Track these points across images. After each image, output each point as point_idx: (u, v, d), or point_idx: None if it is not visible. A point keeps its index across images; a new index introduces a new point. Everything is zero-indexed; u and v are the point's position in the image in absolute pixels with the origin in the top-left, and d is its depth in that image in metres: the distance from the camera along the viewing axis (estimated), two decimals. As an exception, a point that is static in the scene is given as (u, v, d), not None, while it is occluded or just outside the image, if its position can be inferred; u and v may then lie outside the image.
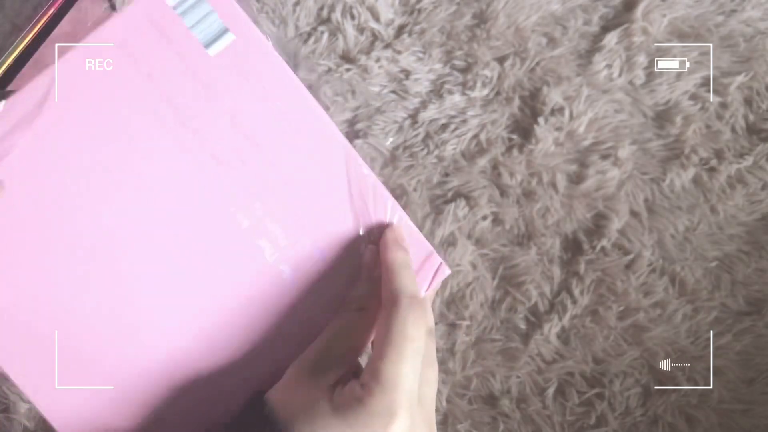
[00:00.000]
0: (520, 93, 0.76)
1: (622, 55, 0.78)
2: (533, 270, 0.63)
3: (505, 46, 0.79)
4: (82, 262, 0.34)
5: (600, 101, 0.74)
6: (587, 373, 0.59)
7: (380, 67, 0.77)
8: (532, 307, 0.62)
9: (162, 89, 0.35)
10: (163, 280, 0.35)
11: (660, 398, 0.57)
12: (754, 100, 0.75)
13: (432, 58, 0.78)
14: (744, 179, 0.70)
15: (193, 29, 0.36)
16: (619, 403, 0.57)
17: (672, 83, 0.76)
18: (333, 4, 0.82)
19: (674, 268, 0.64)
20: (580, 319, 0.61)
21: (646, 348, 0.60)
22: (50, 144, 0.34)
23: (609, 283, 0.63)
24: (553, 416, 0.57)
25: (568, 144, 0.71)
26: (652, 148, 0.72)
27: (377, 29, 0.80)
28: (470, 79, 0.76)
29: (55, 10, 0.71)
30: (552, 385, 0.58)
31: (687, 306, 0.62)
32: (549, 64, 0.77)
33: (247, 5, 0.56)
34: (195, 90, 0.35)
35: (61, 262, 0.34)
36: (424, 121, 0.73)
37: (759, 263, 0.65)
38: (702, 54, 0.78)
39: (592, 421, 0.57)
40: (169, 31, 0.35)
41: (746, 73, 0.76)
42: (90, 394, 0.35)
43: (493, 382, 0.58)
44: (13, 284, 0.34)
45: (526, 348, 0.59)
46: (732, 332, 0.61)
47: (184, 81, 0.36)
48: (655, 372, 0.59)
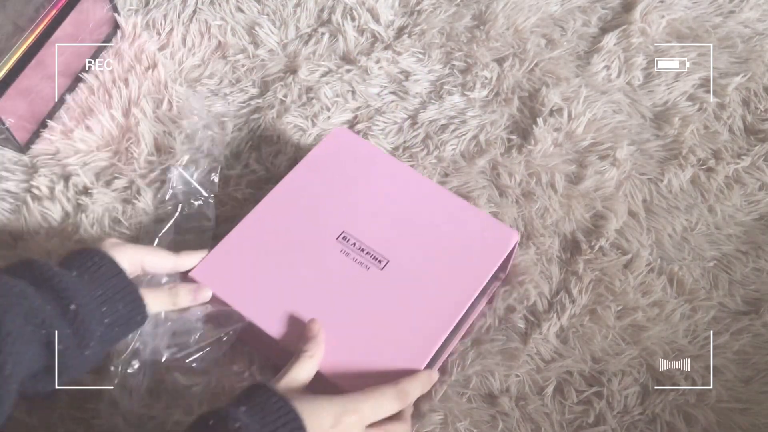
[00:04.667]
0: (519, 94, 0.76)
1: (620, 56, 0.79)
2: (532, 269, 0.63)
3: (504, 47, 0.80)
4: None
5: (598, 102, 0.74)
6: (586, 372, 0.59)
7: (380, 68, 0.77)
8: (531, 306, 0.62)
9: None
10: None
11: (658, 397, 0.58)
12: (752, 101, 0.76)
13: (432, 59, 0.78)
14: (742, 179, 0.70)
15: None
16: (618, 401, 0.58)
17: (670, 84, 0.76)
18: (333, 5, 0.83)
19: (672, 267, 0.64)
20: (579, 319, 0.61)
21: (644, 347, 0.60)
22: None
23: (607, 282, 0.63)
24: (552, 415, 0.57)
25: (567, 144, 0.72)
26: (651, 149, 0.72)
27: (377, 31, 0.80)
28: (470, 80, 0.76)
29: (57, 11, 0.71)
30: (551, 383, 0.58)
31: (685, 305, 0.63)
32: (548, 65, 0.78)
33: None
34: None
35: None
36: (424, 121, 0.73)
37: (757, 263, 0.65)
38: (700, 55, 0.79)
39: (590, 419, 0.57)
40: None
41: (744, 74, 0.77)
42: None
43: (492, 381, 0.58)
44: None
45: (525, 347, 0.60)
46: (730, 331, 0.61)
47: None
48: (653, 371, 0.59)
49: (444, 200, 0.61)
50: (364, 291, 0.56)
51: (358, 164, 0.63)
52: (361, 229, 0.59)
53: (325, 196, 0.61)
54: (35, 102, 0.71)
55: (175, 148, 0.70)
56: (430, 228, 0.59)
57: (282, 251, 0.58)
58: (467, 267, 0.57)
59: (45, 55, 0.69)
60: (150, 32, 0.79)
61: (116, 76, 0.75)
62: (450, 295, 0.56)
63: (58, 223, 0.66)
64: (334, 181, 0.62)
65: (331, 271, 0.57)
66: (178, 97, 0.74)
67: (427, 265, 0.58)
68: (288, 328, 0.54)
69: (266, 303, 0.55)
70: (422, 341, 0.54)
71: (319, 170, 0.62)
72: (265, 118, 0.73)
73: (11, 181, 0.69)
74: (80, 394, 0.57)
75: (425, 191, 0.62)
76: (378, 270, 0.57)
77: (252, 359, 0.59)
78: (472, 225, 0.60)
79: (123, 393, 0.56)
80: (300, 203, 0.60)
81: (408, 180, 0.63)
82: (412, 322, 0.55)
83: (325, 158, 0.63)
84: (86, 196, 0.67)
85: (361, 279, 0.57)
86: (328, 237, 0.59)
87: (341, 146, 0.64)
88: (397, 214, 0.60)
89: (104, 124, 0.72)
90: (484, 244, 0.59)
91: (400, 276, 0.57)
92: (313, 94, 0.75)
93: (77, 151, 0.70)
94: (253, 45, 0.79)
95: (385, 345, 0.54)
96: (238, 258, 0.57)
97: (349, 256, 0.58)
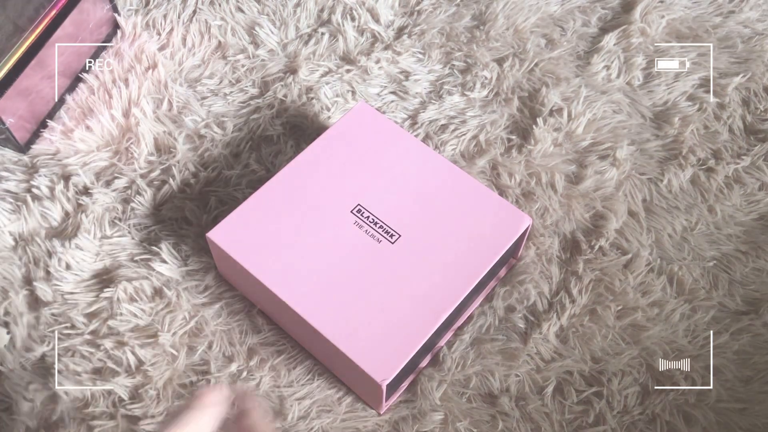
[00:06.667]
0: (519, 94, 0.76)
1: (620, 56, 0.79)
2: (532, 269, 0.64)
3: (504, 47, 0.80)
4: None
5: (598, 102, 0.74)
6: (586, 372, 0.59)
7: (380, 68, 0.77)
8: (531, 306, 0.62)
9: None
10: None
11: (658, 397, 0.58)
12: (752, 101, 0.76)
13: (431, 60, 0.78)
14: (741, 179, 0.70)
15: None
16: (618, 401, 0.58)
17: (670, 84, 0.76)
18: (333, 5, 0.83)
19: (672, 267, 0.64)
20: (579, 319, 0.61)
21: (644, 347, 0.60)
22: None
23: (607, 282, 0.63)
24: (551, 414, 0.57)
25: (567, 144, 0.72)
26: (650, 149, 0.72)
27: (377, 31, 0.80)
28: (469, 80, 0.76)
29: (57, 11, 0.71)
30: (551, 383, 0.58)
31: (685, 305, 0.63)
32: (548, 65, 0.78)
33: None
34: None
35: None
36: (424, 121, 0.73)
37: (756, 263, 0.65)
38: (700, 55, 0.79)
39: (590, 419, 0.57)
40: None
41: (744, 74, 0.77)
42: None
43: (492, 381, 0.58)
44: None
45: (525, 347, 0.60)
46: (730, 331, 0.61)
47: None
48: (653, 371, 0.59)
49: (459, 180, 0.63)
50: (375, 263, 0.58)
51: (378, 139, 0.65)
52: (376, 203, 0.61)
53: (344, 169, 0.63)
54: (35, 102, 0.71)
55: (176, 148, 0.70)
56: (443, 206, 0.61)
57: (297, 219, 0.60)
58: (477, 247, 0.59)
59: (45, 55, 0.69)
60: (150, 32, 0.79)
61: (116, 76, 0.75)
62: (458, 273, 0.57)
63: (58, 223, 0.66)
64: (353, 154, 0.64)
65: (344, 242, 0.58)
66: (178, 97, 0.74)
67: (438, 242, 0.59)
68: (298, 292, 0.55)
69: (279, 267, 0.57)
70: (427, 315, 0.55)
71: (340, 143, 0.64)
72: (265, 118, 0.73)
73: (11, 181, 0.69)
74: (80, 394, 0.57)
75: (441, 170, 0.63)
76: (389, 244, 0.58)
77: (251, 355, 0.59)
78: (485, 207, 0.61)
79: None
80: (318, 174, 0.62)
81: (425, 158, 0.64)
82: (419, 295, 0.56)
83: (346, 132, 0.65)
84: (86, 196, 0.67)
85: (372, 251, 0.58)
86: (344, 208, 0.60)
87: (363, 121, 0.66)
88: (412, 191, 0.62)
89: (104, 124, 0.72)
90: (495, 226, 0.60)
91: (411, 251, 0.58)
92: (313, 94, 0.75)
93: (77, 151, 0.70)
94: (253, 45, 0.79)
95: (392, 316, 0.55)
96: (255, 222, 0.59)
97: (362, 228, 0.59)
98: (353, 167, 0.63)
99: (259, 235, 0.58)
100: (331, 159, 0.63)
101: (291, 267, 0.57)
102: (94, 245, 0.64)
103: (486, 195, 0.62)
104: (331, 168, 0.62)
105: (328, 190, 0.61)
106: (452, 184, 0.62)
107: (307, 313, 0.55)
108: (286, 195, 0.61)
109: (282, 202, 0.60)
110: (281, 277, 0.56)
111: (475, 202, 0.61)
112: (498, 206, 0.61)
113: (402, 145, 0.64)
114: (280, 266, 0.57)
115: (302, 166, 0.62)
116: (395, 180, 0.62)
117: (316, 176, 0.62)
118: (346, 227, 0.59)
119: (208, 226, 0.66)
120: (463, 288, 0.57)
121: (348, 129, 0.65)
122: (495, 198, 0.62)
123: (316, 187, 0.61)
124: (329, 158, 0.63)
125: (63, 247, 0.64)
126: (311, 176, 0.62)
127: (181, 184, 0.68)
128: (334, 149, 0.64)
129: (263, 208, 0.60)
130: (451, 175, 0.63)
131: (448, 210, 0.61)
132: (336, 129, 0.65)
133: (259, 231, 0.59)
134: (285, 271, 0.57)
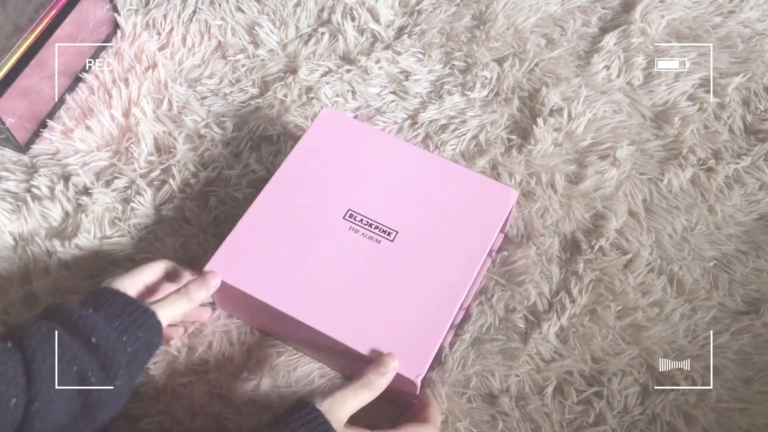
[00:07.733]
0: (519, 94, 0.76)
1: (620, 56, 0.78)
2: (532, 269, 0.64)
3: (504, 47, 0.80)
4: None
5: (598, 102, 0.74)
6: (586, 372, 0.59)
7: (380, 68, 0.77)
8: (531, 306, 0.62)
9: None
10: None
11: (658, 397, 0.58)
12: (752, 101, 0.75)
13: (432, 59, 0.78)
14: (742, 179, 0.70)
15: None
16: (618, 401, 0.58)
17: (670, 84, 0.76)
18: (333, 5, 0.83)
19: (672, 267, 0.64)
20: (579, 319, 0.61)
21: (644, 347, 0.60)
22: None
23: (607, 282, 0.63)
24: (552, 415, 0.57)
25: (567, 144, 0.72)
26: (651, 149, 0.72)
27: (377, 30, 0.80)
28: (470, 80, 0.76)
29: (57, 11, 0.71)
30: (551, 383, 0.58)
31: (685, 305, 0.63)
32: (548, 65, 0.78)
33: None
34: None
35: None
36: (424, 121, 0.73)
37: (757, 263, 0.65)
38: (700, 55, 0.79)
39: (590, 419, 0.57)
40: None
41: (744, 74, 0.77)
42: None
43: (492, 381, 0.58)
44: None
45: (525, 347, 0.60)
46: (730, 331, 0.61)
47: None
48: (653, 371, 0.59)
49: (440, 167, 0.63)
50: (379, 264, 0.57)
51: (352, 142, 0.64)
52: (365, 204, 0.60)
53: (325, 177, 0.62)
54: (35, 102, 0.71)
55: (176, 148, 0.70)
56: (431, 195, 0.61)
57: (292, 236, 0.59)
58: (473, 227, 0.59)
59: (45, 55, 0.69)
60: (150, 32, 0.79)
61: (116, 76, 0.75)
62: (462, 255, 0.58)
63: (58, 223, 0.66)
64: (331, 161, 0.63)
65: (344, 249, 0.58)
66: (178, 97, 0.74)
67: (435, 230, 0.59)
68: (313, 310, 0.55)
69: (284, 287, 0.56)
70: (444, 300, 0.56)
71: (315, 153, 0.64)
72: (265, 118, 0.73)
73: (11, 181, 0.69)
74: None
75: (421, 160, 0.63)
76: (389, 242, 0.58)
77: (250, 356, 0.59)
78: (470, 187, 0.62)
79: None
80: (302, 187, 0.61)
81: (402, 151, 0.64)
82: (431, 285, 0.56)
83: (319, 140, 0.64)
84: (86, 196, 0.67)
85: (374, 252, 0.58)
86: (335, 216, 0.60)
87: (332, 127, 0.65)
88: (397, 186, 0.62)
89: (104, 124, 0.72)
90: (485, 204, 0.61)
91: (412, 244, 0.58)
92: (313, 94, 0.75)
93: (77, 151, 0.70)
94: (253, 45, 0.79)
95: (410, 310, 0.55)
96: (250, 247, 0.58)
97: (358, 232, 0.59)
98: (334, 174, 0.62)
99: (257, 260, 0.57)
100: (311, 171, 0.62)
101: (299, 286, 0.56)
102: (94, 245, 0.64)
103: (469, 176, 0.62)
104: (313, 179, 0.62)
105: (315, 201, 0.60)
106: (434, 171, 0.62)
107: (329, 328, 0.54)
108: (274, 215, 0.60)
109: (272, 223, 0.59)
110: (292, 299, 0.55)
111: (460, 184, 0.62)
112: (483, 184, 0.62)
113: (376, 143, 0.65)
114: (288, 288, 0.56)
115: (283, 183, 0.61)
116: (378, 178, 0.62)
117: (300, 190, 0.61)
118: (343, 234, 0.59)
119: (208, 226, 0.66)
120: (472, 268, 0.57)
121: (319, 137, 0.64)
122: (478, 177, 0.62)
123: (303, 201, 0.60)
124: (309, 170, 0.62)
125: (63, 247, 0.64)
126: (295, 191, 0.61)
127: (181, 184, 0.68)
128: (311, 160, 0.63)
129: (254, 233, 0.59)
130: (431, 163, 0.63)
131: (437, 197, 0.61)
132: (307, 139, 0.64)
133: (256, 257, 0.57)
134: (294, 291, 0.56)
